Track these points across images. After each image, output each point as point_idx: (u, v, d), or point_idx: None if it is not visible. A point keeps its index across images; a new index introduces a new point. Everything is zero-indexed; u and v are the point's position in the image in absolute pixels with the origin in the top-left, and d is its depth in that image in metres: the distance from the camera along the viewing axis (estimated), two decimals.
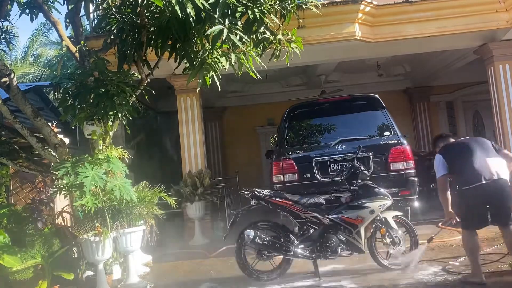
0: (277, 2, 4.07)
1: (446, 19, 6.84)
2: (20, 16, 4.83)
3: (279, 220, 5.10)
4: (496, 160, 3.93)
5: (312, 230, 4.58)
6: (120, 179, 4.32)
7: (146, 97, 4.79)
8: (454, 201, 4.11)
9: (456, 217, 4.18)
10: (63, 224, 5.26)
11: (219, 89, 4.51)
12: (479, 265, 3.94)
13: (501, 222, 3.92)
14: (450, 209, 4.20)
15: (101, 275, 4.53)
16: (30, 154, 5.23)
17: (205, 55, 4.10)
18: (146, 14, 4.08)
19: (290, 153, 6.11)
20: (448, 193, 4.14)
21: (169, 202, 5.54)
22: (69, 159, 4.51)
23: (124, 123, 4.70)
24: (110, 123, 4.63)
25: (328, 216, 4.56)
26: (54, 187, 4.78)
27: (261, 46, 4.35)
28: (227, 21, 3.56)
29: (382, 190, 4.67)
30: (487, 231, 5.01)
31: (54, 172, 4.50)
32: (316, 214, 4.54)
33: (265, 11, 3.74)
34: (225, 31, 3.49)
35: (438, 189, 4.24)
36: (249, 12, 3.62)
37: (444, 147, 4.23)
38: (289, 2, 4.11)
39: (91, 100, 4.24)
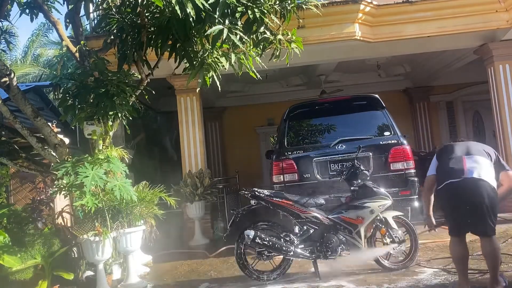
0: (277, 2, 4.06)
1: (446, 19, 6.85)
2: (20, 16, 4.82)
3: (279, 220, 5.10)
4: (475, 159, 3.56)
5: (312, 230, 4.58)
6: (120, 179, 4.32)
7: (146, 97, 4.79)
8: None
9: (434, 225, 3.97)
10: (63, 224, 5.26)
11: (219, 89, 4.51)
12: (466, 276, 3.63)
13: (476, 230, 3.52)
14: (430, 213, 3.97)
15: (101, 275, 4.53)
16: (30, 154, 5.23)
17: (205, 55, 4.09)
18: (146, 14, 4.07)
19: (290, 153, 6.11)
20: (431, 195, 3.91)
21: (169, 202, 5.55)
22: (69, 159, 4.50)
23: (124, 123, 4.70)
24: (110, 123, 4.62)
25: (328, 216, 4.56)
26: (54, 187, 4.78)
27: (261, 46, 4.35)
28: (227, 21, 3.56)
29: (382, 190, 4.67)
30: None
31: (54, 172, 4.50)
32: (316, 214, 4.54)
33: (265, 11, 3.73)
34: (225, 31, 3.49)
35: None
36: (249, 12, 3.62)
37: (441, 148, 4.12)
38: (289, 2, 4.11)
39: (91, 100, 4.24)
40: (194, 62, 4.05)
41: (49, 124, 5.03)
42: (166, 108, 10.96)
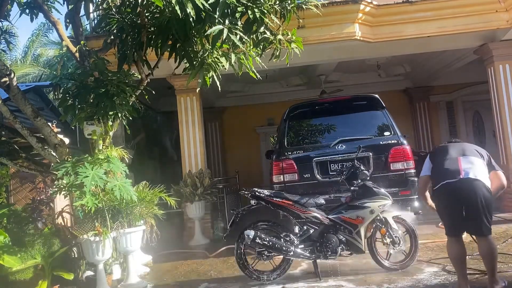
0: (277, 2, 4.06)
1: (446, 19, 6.85)
2: (20, 16, 4.82)
3: (279, 220, 5.10)
4: (470, 160, 3.63)
5: (312, 230, 4.58)
6: (120, 179, 4.32)
7: (146, 97, 4.79)
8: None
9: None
10: (63, 224, 5.26)
11: (219, 89, 4.51)
12: (465, 276, 3.63)
13: (472, 230, 3.59)
14: (430, 203, 4.01)
15: (101, 275, 4.53)
16: (30, 154, 5.23)
17: (205, 55, 4.09)
18: (146, 14, 4.07)
19: (290, 153, 6.11)
20: (426, 192, 4.01)
21: (169, 202, 5.55)
22: (69, 159, 4.51)
23: (124, 123, 4.70)
24: (110, 123, 4.63)
25: (328, 216, 4.56)
26: (54, 187, 4.77)
27: (261, 46, 4.35)
28: (227, 21, 3.56)
29: (382, 190, 4.67)
30: None
31: (54, 172, 4.50)
32: (316, 214, 4.54)
33: (265, 11, 3.73)
34: (225, 31, 3.49)
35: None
36: (249, 12, 3.62)
37: (435, 148, 4.19)
38: (289, 2, 4.11)
39: (91, 100, 4.24)
40: (194, 62, 4.05)
41: (49, 124, 5.02)
42: (166, 108, 10.97)
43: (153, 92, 4.84)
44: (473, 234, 3.66)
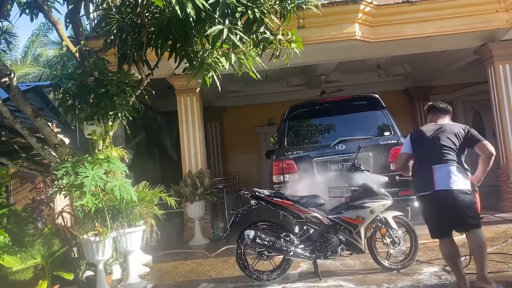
0: (277, 2, 4.06)
1: (446, 19, 6.86)
2: (20, 16, 4.81)
3: (279, 220, 5.10)
4: (443, 169, 3.56)
5: (312, 230, 4.58)
6: (120, 179, 4.32)
7: (146, 97, 4.79)
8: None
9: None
10: (63, 224, 5.26)
11: (219, 89, 4.51)
12: (461, 274, 3.63)
13: (462, 228, 3.71)
14: (410, 175, 3.98)
15: (101, 275, 4.53)
16: (30, 154, 5.22)
17: (205, 55, 4.09)
18: (146, 14, 4.08)
19: (290, 153, 6.11)
20: (406, 166, 3.96)
21: (169, 202, 5.55)
22: (69, 159, 4.50)
23: (124, 123, 4.70)
24: (110, 123, 4.63)
25: (328, 216, 4.56)
26: (54, 187, 4.77)
27: (261, 46, 4.35)
28: (227, 21, 3.56)
29: (382, 190, 4.67)
30: (486, 231, 4.99)
31: (54, 172, 4.50)
32: (316, 214, 4.54)
33: (265, 11, 3.73)
34: (225, 31, 3.49)
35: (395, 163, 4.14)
36: (249, 12, 3.62)
37: (415, 131, 4.07)
38: (289, 2, 4.11)
39: (91, 100, 4.24)
40: (194, 62, 4.05)
41: (49, 124, 5.02)
42: (166, 108, 10.96)
43: (153, 92, 4.84)
44: (462, 231, 3.75)
